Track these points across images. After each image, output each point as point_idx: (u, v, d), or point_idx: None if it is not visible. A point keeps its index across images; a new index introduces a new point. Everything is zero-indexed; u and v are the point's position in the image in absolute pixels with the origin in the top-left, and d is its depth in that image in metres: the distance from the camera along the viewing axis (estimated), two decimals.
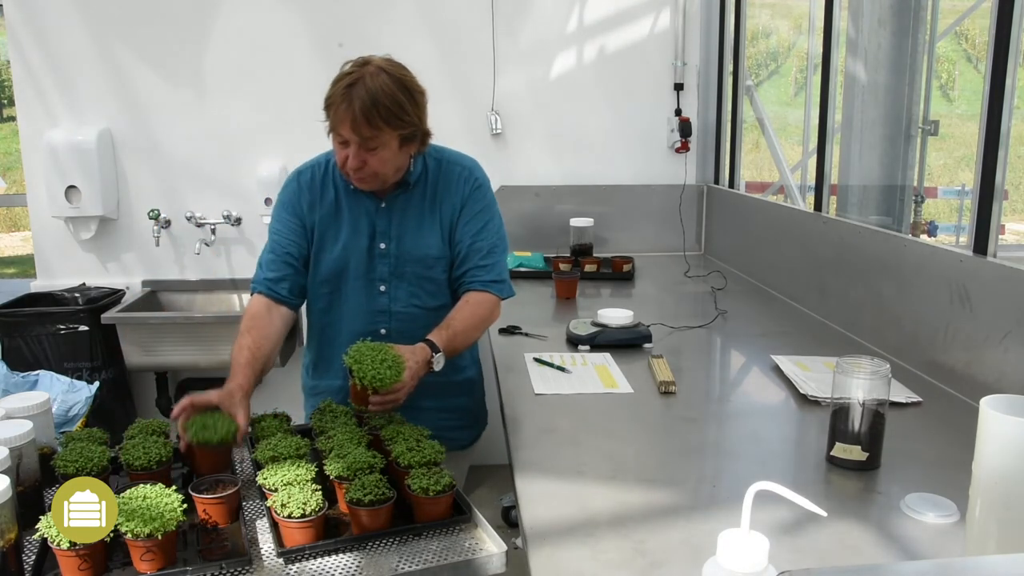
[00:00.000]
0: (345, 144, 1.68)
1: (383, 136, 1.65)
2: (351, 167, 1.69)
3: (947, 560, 1.06)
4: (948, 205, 8.19)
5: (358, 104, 1.61)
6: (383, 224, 1.81)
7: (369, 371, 1.49)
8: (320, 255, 1.82)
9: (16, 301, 3.17)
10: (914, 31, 2.88)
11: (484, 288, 1.82)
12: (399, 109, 1.65)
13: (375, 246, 1.81)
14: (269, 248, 1.84)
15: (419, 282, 1.82)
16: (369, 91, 1.62)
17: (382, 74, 1.66)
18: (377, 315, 1.82)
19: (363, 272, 1.82)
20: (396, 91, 1.65)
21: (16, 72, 3.24)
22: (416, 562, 1.22)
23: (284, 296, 1.80)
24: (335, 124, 1.67)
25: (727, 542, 0.79)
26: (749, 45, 4.73)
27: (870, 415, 1.34)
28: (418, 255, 1.81)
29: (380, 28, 3.32)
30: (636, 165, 3.51)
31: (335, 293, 1.84)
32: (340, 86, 1.65)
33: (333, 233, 1.82)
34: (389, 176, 1.75)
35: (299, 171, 1.88)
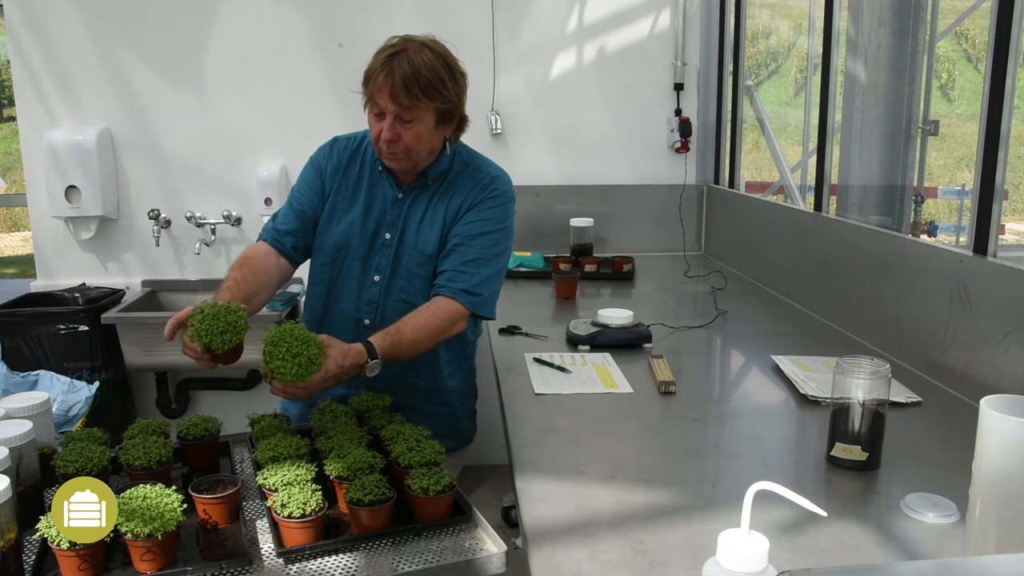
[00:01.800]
0: (381, 117, 1.67)
1: (420, 108, 1.65)
2: (385, 138, 1.67)
3: (947, 560, 1.06)
4: (948, 205, 8.19)
5: (399, 73, 1.61)
6: (393, 215, 1.80)
7: (276, 360, 1.42)
8: (328, 224, 1.82)
9: (16, 301, 3.17)
10: (914, 31, 2.88)
11: (453, 295, 1.72)
12: (439, 83, 1.65)
13: (381, 234, 1.80)
14: (287, 203, 1.85)
15: (411, 278, 1.80)
16: (411, 62, 1.62)
17: (426, 49, 1.66)
18: (366, 304, 1.81)
19: (362, 255, 1.81)
20: (438, 65, 1.66)
21: (16, 72, 3.24)
22: (416, 562, 1.22)
23: (287, 250, 1.80)
24: (373, 93, 1.66)
25: (727, 542, 0.79)
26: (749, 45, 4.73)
27: (870, 415, 1.34)
28: (415, 250, 1.79)
29: (380, 28, 3.27)
30: (636, 165, 3.51)
31: (331, 267, 1.82)
32: (382, 56, 1.65)
33: (344, 207, 1.82)
34: (422, 155, 1.73)
35: (336, 138, 1.89)
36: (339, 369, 1.50)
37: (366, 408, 1.66)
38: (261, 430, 1.55)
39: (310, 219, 1.82)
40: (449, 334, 1.73)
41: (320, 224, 1.83)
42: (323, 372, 1.46)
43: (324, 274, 1.84)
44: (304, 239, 1.83)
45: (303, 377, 1.43)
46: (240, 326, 1.45)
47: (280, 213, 1.85)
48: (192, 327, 1.45)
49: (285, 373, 1.42)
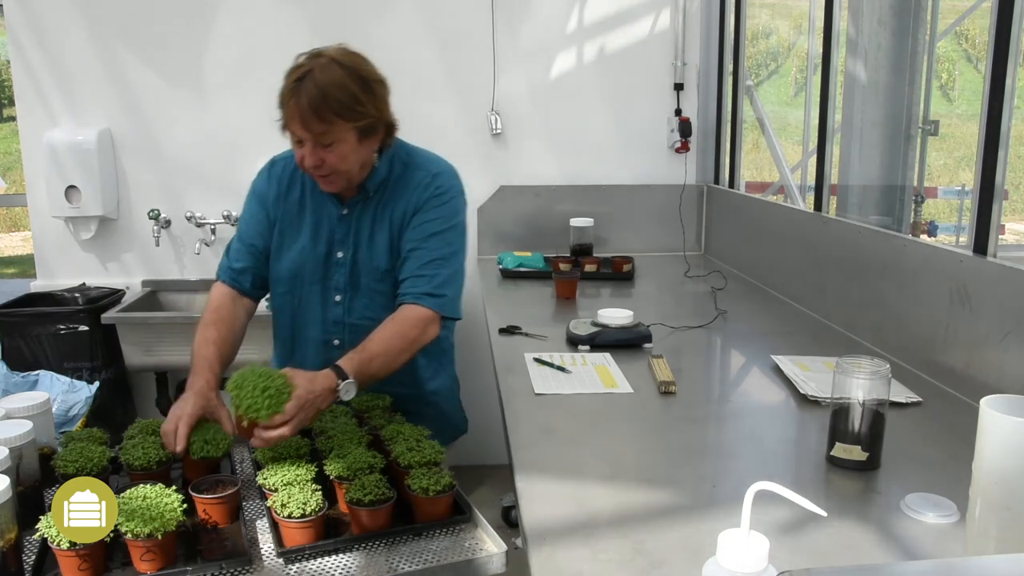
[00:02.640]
0: (300, 143, 1.61)
1: (336, 130, 1.58)
2: (308, 166, 1.62)
3: (947, 560, 1.06)
4: (948, 205, 8.19)
5: (306, 99, 1.54)
6: (342, 232, 1.75)
7: (246, 399, 1.36)
8: (279, 253, 1.78)
9: (16, 301, 3.17)
10: (914, 31, 2.88)
11: (416, 301, 1.67)
12: (352, 100, 1.57)
13: (333, 254, 1.76)
14: (237, 236, 1.82)
15: (372, 295, 1.76)
16: (318, 84, 1.54)
17: (333, 65, 1.57)
18: (332, 325, 1.78)
19: (319, 279, 1.76)
20: (348, 82, 1.57)
21: (16, 72, 3.24)
22: (416, 562, 1.22)
23: (247, 289, 1.78)
24: (287, 121, 1.61)
25: (727, 542, 0.79)
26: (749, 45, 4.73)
27: (870, 415, 1.34)
28: (370, 266, 1.75)
29: (380, 28, 3.32)
30: (636, 165, 3.51)
31: (291, 295, 1.79)
32: (290, 80, 1.59)
33: (292, 233, 1.77)
34: (353, 173, 1.67)
35: (273, 161, 1.84)
36: (310, 394, 1.42)
37: (366, 408, 1.66)
38: None
39: (261, 252, 1.79)
40: (423, 341, 1.67)
41: (272, 254, 1.79)
42: (295, 400, 1.39)
43: (285, 303, 1.81)
44: (260, 273, 1.80)
45: (277, 408, 1.36)
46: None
47: (232, 248, 1.81)
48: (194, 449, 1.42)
49: (259, 408, 1.36)
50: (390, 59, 3.31)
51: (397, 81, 3.32)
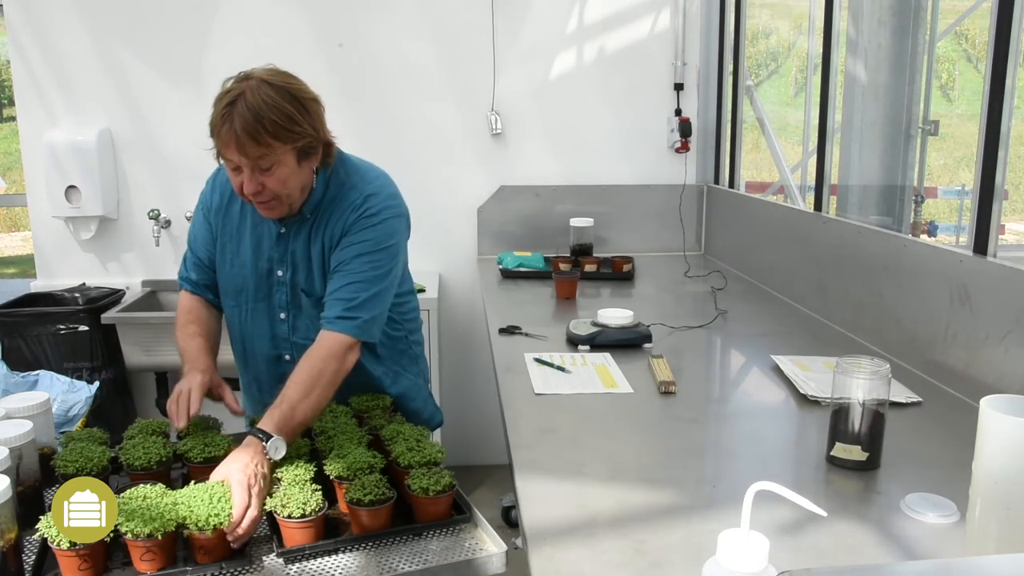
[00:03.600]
0: (238, 170, 1.53)
1: (275, 153, 1.50)
2: (248, 193, 1.54)
3: (947, 560, 1.06)
4: (948, 205, 8.19)
5: (240, 122, 1.46)
6: (280, 251, 1.70)
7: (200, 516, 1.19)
8: (221, 266, 1.77)
9: (16, 301, 3.17)
10: (914, 31, 2.88)
11: (330, 326, 1.58)
12: (288, 121, 1.49)
13: (274, 271, 1.72)
14: (189, 246, 1.82)
15: (312, 319, 1.70)
16: (251, 106, 1.47)
17: (264, 86, 1.50)
18: (281, 341, 1.77)
19: (263, 296, 1.74)
20: (282, 102, 1.50)
21: (16, 72, 3.24)
22: (416, 562, 1.22)
23: (209, 299, 1.80)
24: (221, 149, 1.52)
25: (727, 542, 0.79)
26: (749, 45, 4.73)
27: (870, 415, 1.34)
28: (308, 292, 1.71)
29: (380, 28, 3.32)
30: (636, 165, 3.51)
31: (239, 309, 1.78)
32: (220, 106, 1.50)
33: (233, 247, 1.74)
34: (295, 197, 1.60)
35: (219, 169, 1.75)
36: (246, 469, 1.30)
37: (366, 408, 1.66)
38: None
39: (207, 265, 1.79)
40: (344, 371, 1.57)
41: (216, 267, 1.78)
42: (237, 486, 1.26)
43: (234, 316, 1.80)
44: (213, 285, 1.81)
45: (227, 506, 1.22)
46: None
47: (186, 258, 1.82)
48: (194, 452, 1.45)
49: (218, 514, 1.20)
50: (390, 59, 3.34)
51: (397, 81, 3.35)
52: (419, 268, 3.32)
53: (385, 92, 3.34)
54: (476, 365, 3.42)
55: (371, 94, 3.32)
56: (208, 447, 1.44)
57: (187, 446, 1.45)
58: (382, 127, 3.28)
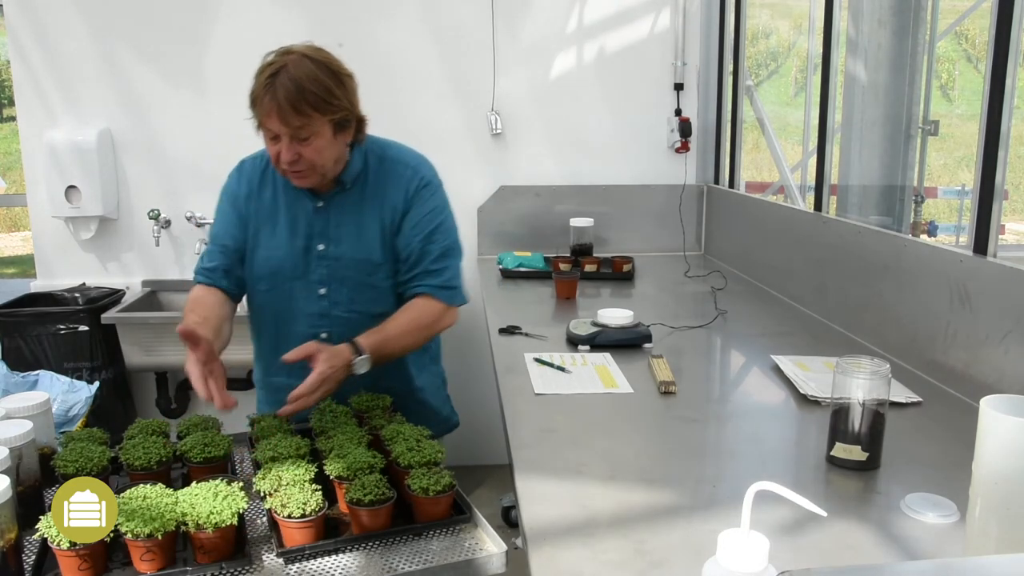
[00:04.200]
0: (276, 139, 1.62)
1: (314, 124, 1.60)
2: (285, 161, 1.63)
3: (947, 560, 1.06)
4: (948, 205, 8.19)
5: (282, 93, 1.55)
6: (320, 225, 1.76)
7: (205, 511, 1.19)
8: (255, 251, 1.79)
9: (16, 301, 3.17)
10: (914, 31, 2.88)
11: (431, 293, 1.77)
12: (327, 93, 1.60)
13: (313, 247, 1.76)
14: (210, 238, 1.85)
15: (359, 288, 1.78)
16: (293, 78, 1.56)
17: (305, 60, 1.60)
18: (318, 319, 1.79)
19: (301, 274, 1.78)
20: (321, 75, 1.60)
21: (16, 72, 3.24)
22: (416, 562, 1.22)
23: (223, 286, 1.78)
24: (262, 118, 1.61)
25: (727, 542, 0.79)
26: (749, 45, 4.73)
27: (870, 415, 1.34)
28: (358, 259, 1.76)
29: (380, 28, 3.32)
30: (636, 165, 3.51)
31: (273, 292, 1.80)
32: (262, 78, 1.59)
33: (268, 230, 1.79)
34: (328, 168, 1.69)
35: (242, 162, 1.86)
36: (331, 369, 1.54)
37: (366, 408, 1.66)
38: (261, 430, 1.55)
39: (233, 252, 1.79)
40: (437, 329, 1.79)
41: (247, 253, 1.80)
42: (317, 375, 1.52)
43: (267, 301, 1.81)
44: (233, 271, 1.80)
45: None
46: None
47: (205, 251, 1.84)
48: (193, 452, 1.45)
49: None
50: (390, 59, 3.34)
51: (397, 81, 3.35)
52: None
53: (385, 92, 3.34)
54: (476, 365, 3.42)
55: (371, 94, 3.29)
56: (208, 447, 1.44)
57: (187, 446, 1.45)
58: (382, 127, 3.25)
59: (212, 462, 1.44)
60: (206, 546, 1.18)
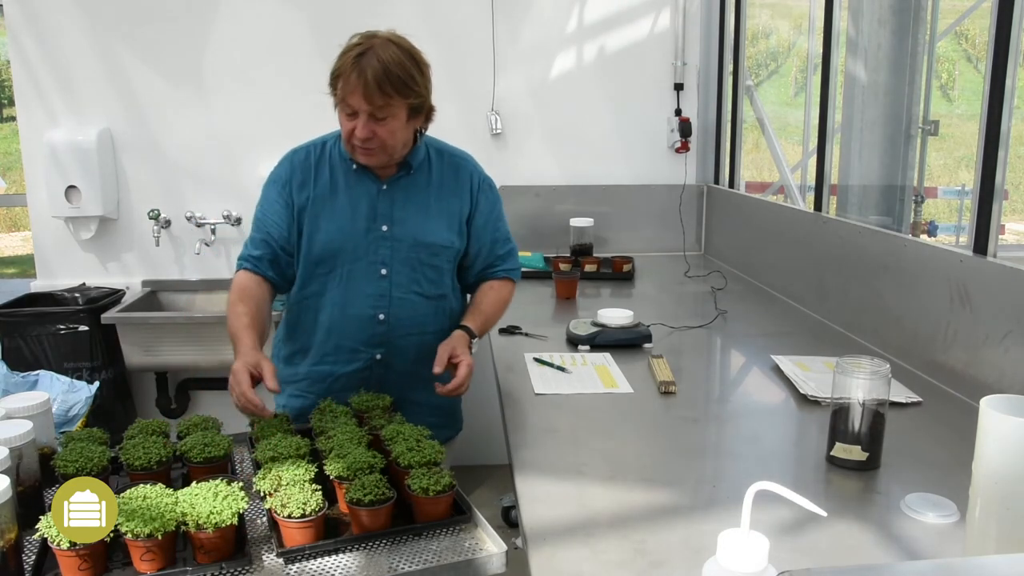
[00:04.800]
0: (353, 116, 1.68)
1: (393, 106, 1.66)
2: (360, 136, 1.68)
3: (947, 560, 1.06)
4: (948, 205, 8.19)
5: (370, 72, 1.62)
6: (385, 206, 1.80)
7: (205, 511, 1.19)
8: (314, 235, 1.81)
9: (16, 301, 3.17)
10: (914, 31, 2.88)
11: (506, 275, 1.95)
12: (409, 78, 1.66)
13: (375, 228, 1.80)
14: (255, 226, 1.85)
15: (422, 268, 1.82)
16: (381, 60, 1.63)
17: (391, 45, 1.68)
18: (377, 299, 1.81)
19: (362, 254, 1.80)
20: (405, 61, 1.67)
21: (16, 72, 3.24)
22: (416, 562, 1.22)
23: (269, 276, 1.81)
24: (345, 94, 1.66)
25: (727, 542, 0.79)
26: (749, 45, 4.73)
27: (870, 415, 1.34)
28: (425, 241, 1.81)
29: (380, 28, 3.30)
30: (636, 165, 3.51)
31: (333, 274, 1.81)
32: (349, 56, 1.66)
33: (328, 213, 1.81)
34: (397, 149, 1.75)
35: (294, 151, 1.89)
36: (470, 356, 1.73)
37: (366, 408, 1.66)
38: (261, 430, 1.55)
39: (277, 240, 1.81)
40: (508, 304, 1.97)
41: (305, 237, 1.81)
42: (466, 366, 1.69)
43: (327, 282, 1.82)
44: (278, 261, 1.82)
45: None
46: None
47: (250, 238, 1.85)
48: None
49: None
50: None
51: None
52: None
53: None
54: (476, 365, 3.42)
55: None
56: (208, 447, 1.43)
57: (187, 446, 1.45)
58: None
59: (212, 462, 1.43)
60: (206, 546, 1.18)
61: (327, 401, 1.67)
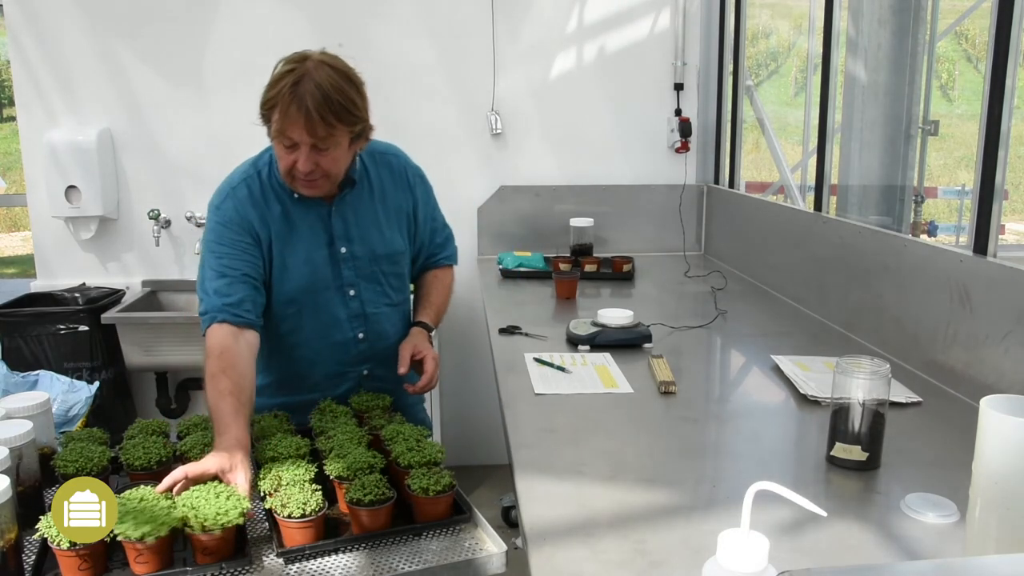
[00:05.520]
0: (293, 148, 1.57)
1: (337, 135, 1.57)
2: (303, 170, 1.58)
3: (947, 560, 1.06)
4: (948, 205, 8.19)
5: (311, 102, 1.50)
6: (339, 227, 1.74)
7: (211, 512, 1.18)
8: (283, 273, 1.70)
9: (16, 301, 3.17)
10: (914, 31, 2.88)
11: (448, 263, 2.00)
12: (351, 104, 1.57)
13: (336, 251, 1.74)
14: (217, 274, 1.63)
15: (386, 279, 1.81)
16: (320, 87, 1.52)
17: (325, 67, 1.55)
18: (352, 321, 1.78)
19: (330, 282, 1.75)
20: (344, 85, 1.56)
21: (16, 72, 3.24)
22: (416, 562, 1.22)
23: (250, 319, 1.61)
24: (284, 127, 1.54)
25: (727, 542, 0.79)
26: (749, 45, 4.73)
27: (870, 415, 1.34)
28: (383, 253, 1.79)
29: (380, 28, 3.32)
30: (636, 165, 3.51)
31: (305, 309, 1.74)
32: (284, 85, 1.53)
33: (291, 248, 1.71)
34: (340, 177, 1.68)
35: (232, 187, 1.71)
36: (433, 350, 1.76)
37: (366, 408, 1.66)
38: (261, 430, 1.55)
39: (255, 278, 1.66)
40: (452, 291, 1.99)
41: (275, 276, 1.70)
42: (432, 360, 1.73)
43: (302, 321, 1.75)
44: (258, 300, 1.66)
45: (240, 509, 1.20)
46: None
47: (214, 288, 1.62)
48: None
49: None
50: (390, 59, 3.34)
51: (397, 81, 3.35)
52: None
53: (385, 92, 3.33)
54: (476, 365, 3.42)
55: (371, 94, 3.30)
56: (208, 447, 1.44)
57: (187, 446, 1.45)
58: (382, 127, 3.24)
59: None
60: (208, 547, 1.18)
61: (327, 401, 1.67)
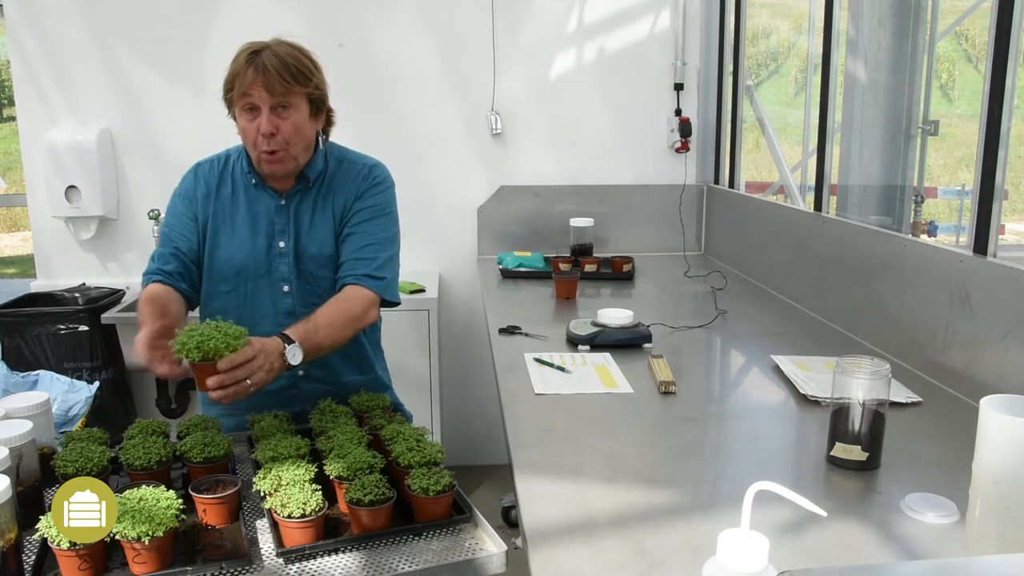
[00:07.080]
0: (254, 112, 1.69)
1: (294, 96, 1.67)
2: (264, 131, 1.68)
3: (947, 560, 1.06)
4: (948, 205, 8.18)
5: (269, 62, 1.65)
6: (281, 222, 1.79)
7: (196, 336, 1.37)
8: (215, 250, 1.79)
9: (16, 301, 3.17)
10: (914, 31, 2.88)
11: (358, 282, 1.73)
12: (307, 70, 1.69)
13: (274, 245, 1.78)
14: (162, 241, 1.81)
15: (318, 281, 1.80)
16: (276, 54, 1.67)
17: (283, 44, 1.72)
18: (284, 317, 1.77)
19: (264, 272, 1.78)
20: (300, 55, 1.71)
21: (16, 72, 3.24)
22: (416, 562, 1.22)
23: (183, 288, 1.75)
24: (244, 89, 1.67)
25: (727, 542, 0.79)
26: (749, 45, 4.73)
27: (870, 415, 1.34)
28: (313, 253, 1.79)
29: (380, 28, 3.32)
30: (636, 165, 3.51)
31: (236, 292, 1.79)
32: (243, 56, 1.69)
33: (228, 228, 1.79)
34: (300, 150, 1.73)
35: (198, 164, 1.88)
36: (264, 347, 1.45)
37: (366, 408, 1.66)
38: (261, 430, 1.55)
39: (187, 253, 1.77)
40: (365, 321, 1.72)
41: (207, 253, 1.79)
42: (250, 347, 1.42)
43: (230, 301, 1.79)
44: (189, 274, 1.78)
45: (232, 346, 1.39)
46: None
47: (156, 254, 1.78)
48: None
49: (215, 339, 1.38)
50: (390, 59, 3.34)
51: (397, 81, 3.35)
52: (419, 268, 3.33)
53: (385, 92, 3.34)
54: (476, 365, 3.42)
55: (371, 94, 3.32)
56: (208, 447, 1.44)
57: (187, 446, 1.45)
58: (382, 127, 3.28)
59: (212, 462, 1.44)
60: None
61: (327, 401, 1.67)
